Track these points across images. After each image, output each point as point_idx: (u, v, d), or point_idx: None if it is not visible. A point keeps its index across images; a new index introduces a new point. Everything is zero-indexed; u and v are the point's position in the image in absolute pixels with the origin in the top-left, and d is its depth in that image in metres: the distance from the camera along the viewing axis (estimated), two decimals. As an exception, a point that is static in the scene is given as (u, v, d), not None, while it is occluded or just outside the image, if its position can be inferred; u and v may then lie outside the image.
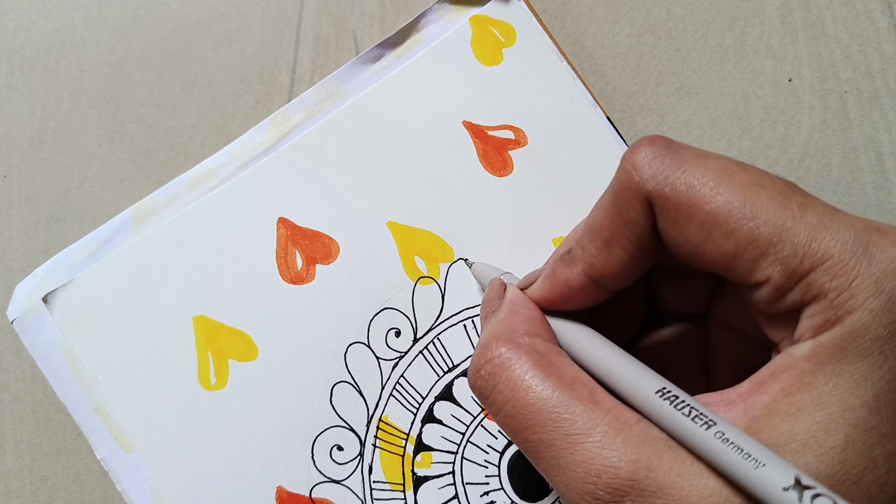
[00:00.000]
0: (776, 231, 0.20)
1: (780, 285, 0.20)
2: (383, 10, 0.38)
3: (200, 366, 0.34)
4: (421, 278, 0.35)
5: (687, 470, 0.19)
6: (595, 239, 0.23)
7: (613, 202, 0.23)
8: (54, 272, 0.34)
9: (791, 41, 0.38)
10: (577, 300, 0.25)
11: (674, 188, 0.21)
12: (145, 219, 0.35)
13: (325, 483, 0.33)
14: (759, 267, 0.20)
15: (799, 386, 0.19)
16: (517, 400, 0.22)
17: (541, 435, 0.21)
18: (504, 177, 0.36)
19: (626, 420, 0.20)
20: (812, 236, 0.19)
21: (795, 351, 0.20)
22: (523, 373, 0.22)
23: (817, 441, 0.18)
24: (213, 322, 0.34)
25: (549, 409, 0.21)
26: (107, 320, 0.34)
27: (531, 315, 0.25)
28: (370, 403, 0.34)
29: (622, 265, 0.23)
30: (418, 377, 0.34)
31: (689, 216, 0.21)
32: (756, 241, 0.20)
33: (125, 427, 0.33)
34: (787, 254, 0.20)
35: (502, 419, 0.23)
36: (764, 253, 0.20)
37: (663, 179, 0.21)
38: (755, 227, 0.20)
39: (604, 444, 0.20)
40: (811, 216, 0.20)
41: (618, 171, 0.23)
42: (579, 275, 0.24)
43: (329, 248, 0.35)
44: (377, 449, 0.34)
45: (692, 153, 0.22)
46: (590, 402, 0.21)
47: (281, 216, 0.35)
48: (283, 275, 0.35)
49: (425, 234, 0.35)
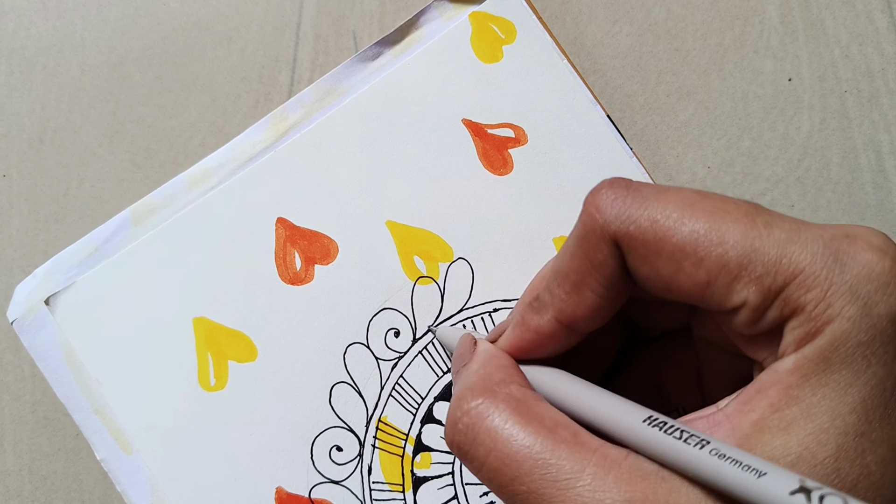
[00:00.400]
0: (745, 253, 0.20)
1: (757, 306, 0.20)
2: (383, 10, 0.38)
3: (200, 367, 0.34)
4: (420, 278, 0.35)
5: (683, 500, 0.19)
6: (564, 283, 0.23)
7: (580, 245, 0.23)
8: (54, 273, 0.34)
9: (791, 41, 0.38)
10: (549, 347, 0.25)
11: (638, 225, 0.21)
12: (144, 219, 0.35)
13: (325, 483, 0.33)
14: (734, 291, 0.20)
15: (787, 400, 0.19)
16: (499, 451, 0.21)
17: (528, 485, 0.20)
18: (504, 175, 0.35)
19: (615, 458, 0.20)
20: (782, 252, 0.19)
21: (779, 366, 0.20)
22: (503, 422, 0.21)
23: (811, 453, 0.18)
24: (212, 323, 0.34)
25: (535, 457, 0.20)
26: (108, 322, 0.34)
27: (504, 363, 0.25)
28: (369, 404, 0.34)
29: (593, 308, 0.23)
30: (417, 377, 0.34)
31: (657, 251, 0.21)
32: (727, 266, 0.20)
33: (125, 428, 0.33)
34: (760, 273, 0.19)
35: (486, 473, 0.22)
36: (736, 276, 0.20)
37: (626, 218, 0.21)
38: (724, 252, 0.20)
39: (595, 486, 0.19)
40: (778, 233, 0.20)
41: (581, 214, 0.23)
42: (550, 321, 0.24)
43: (328, 249, 0.35)
44: (376, 449, 0.34)
45: (652, 189, 0.22)
46: (575, 445, 0.20)
47: (280, 216, 0.35)
48: (282, 275, 0.35)
49: (424, 234, 0.35)
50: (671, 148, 0.37)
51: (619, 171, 0.35)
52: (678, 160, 0.37)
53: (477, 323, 0.35)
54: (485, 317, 0.35)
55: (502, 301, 0.35)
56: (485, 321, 0.35)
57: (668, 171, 0.37)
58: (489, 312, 0.35)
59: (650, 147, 0.37)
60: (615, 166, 0.36)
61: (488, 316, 0.35)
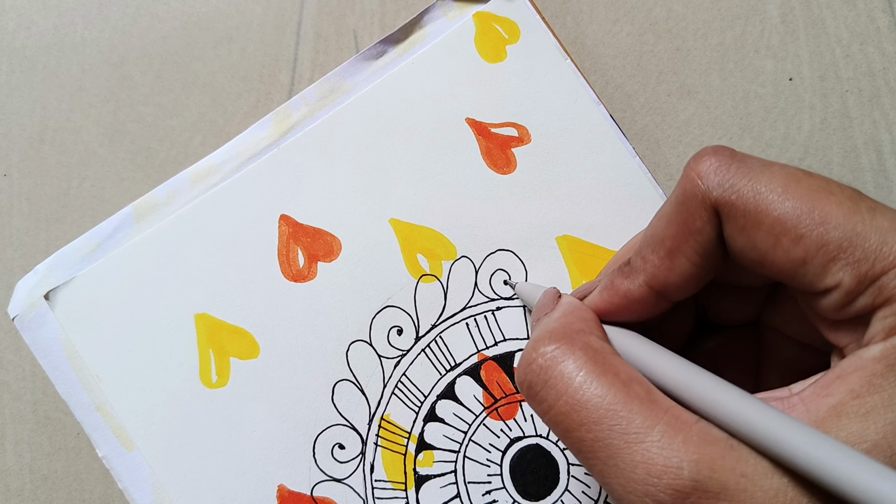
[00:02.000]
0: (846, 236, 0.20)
1: (851, 290, 0.20)
2: (384, 9, 0.38)
3: (202, 364, 0.34)
4: (423, 276, 0.35)
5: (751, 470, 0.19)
6: (658, 249, 0.23)
7: (678, 211, 0.23)
8: (55, 269, 0.34)
9: (792, 40, 0.38)
10: (636, 312, 0.25)
11: (741, 195, 0.21)
12: (146, 215, 0.35)
13: (327, 482, 0.33)
14: (829, 272, 0.20)
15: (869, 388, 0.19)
16: (570, 396, 0.21)
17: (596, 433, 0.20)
18: (507, 174, 0.36)
19: (686, 420, 0.20)
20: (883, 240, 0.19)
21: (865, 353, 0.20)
22: (577, 369, 0.22)
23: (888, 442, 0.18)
24: (214, 320, 0.34)
25: (606, 407, 0.20)
26: (109, 318, 0.34)
27: (586, 316, 0.25)
28: (372, 402, 0.34)
29: (686, 275, 0.23)
30: (420, 376, 0.34)
31: (756, 223, 0.21)
32: (826, 246, 0.20)
33: (126, 425, 0.33)
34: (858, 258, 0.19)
35: (553, 417, 0.22)
36: (834, 258, 0.20)
37: (730, 187, 0.21)
38: (825, 232, 0.20)
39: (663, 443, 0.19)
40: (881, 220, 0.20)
41: (681, 180, 0.23)
42: (641, 286, 0.24)
43: (331, 246, 0.35)
44: (379, 447, 0.34)
45: (758, 162, 0.22)
46: (647, 402, 0.21)
47: (283, 213, 0.35)
48: (285, 273, 0.34)
49: (428, 232, 0.35)
50: (672, 147, 0.37)
51: (623, 170, 0.36)
52: (679, 160, 0.37)
53: (480, 321, 0.35)
54: (488, 315, 0.35)
55: (506, 300, 0.35)
56: (488, 319, 0.35)
57: (670, 171, 0.37)
58: (492, 311, 0.35)
59: (651, 147, 0.37)
60: (618, 166, 0.36)
61: (491, 315, 0.35)
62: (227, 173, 0.35)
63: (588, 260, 0.35)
